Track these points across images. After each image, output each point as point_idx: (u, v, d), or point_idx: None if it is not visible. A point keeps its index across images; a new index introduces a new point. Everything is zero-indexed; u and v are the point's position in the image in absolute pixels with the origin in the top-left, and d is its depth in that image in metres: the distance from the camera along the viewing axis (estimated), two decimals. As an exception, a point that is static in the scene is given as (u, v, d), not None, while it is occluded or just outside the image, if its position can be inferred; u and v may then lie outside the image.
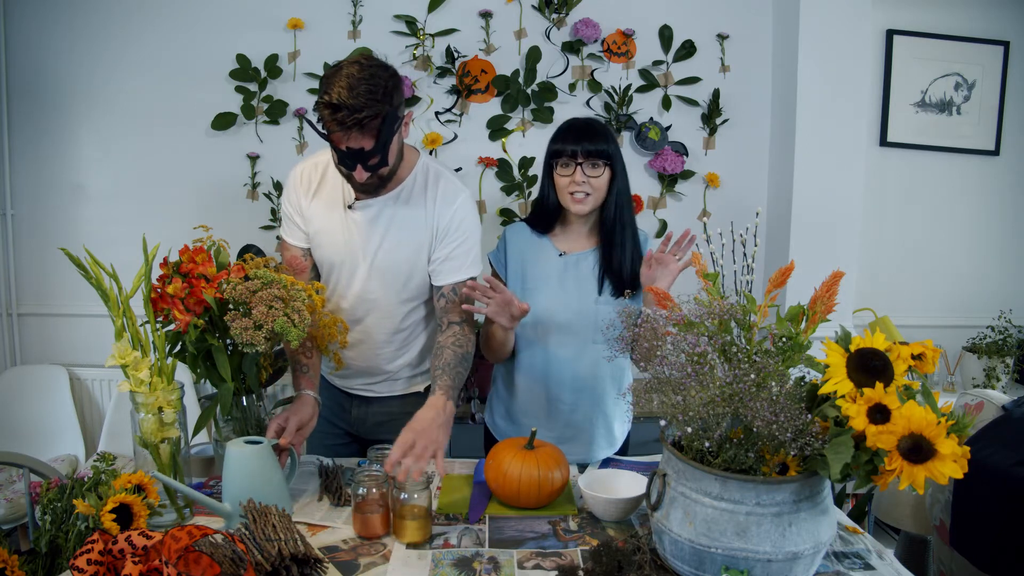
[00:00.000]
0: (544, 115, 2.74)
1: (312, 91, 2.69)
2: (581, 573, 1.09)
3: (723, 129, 2.84)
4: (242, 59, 2.65)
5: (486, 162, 2.77)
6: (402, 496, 1.20)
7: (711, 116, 2.81)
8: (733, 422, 1.03)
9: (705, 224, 2.87)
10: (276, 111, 2.69)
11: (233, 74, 2.66)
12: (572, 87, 2.77)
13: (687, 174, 2.82)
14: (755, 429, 0.95)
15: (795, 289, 1.47)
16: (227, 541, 0.99)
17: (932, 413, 0.87)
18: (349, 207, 1.52)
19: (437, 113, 2.77)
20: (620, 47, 2.76)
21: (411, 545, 1.20)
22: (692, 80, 2.80)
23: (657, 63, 2.80)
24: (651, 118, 2.80)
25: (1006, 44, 2.91)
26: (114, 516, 1.09)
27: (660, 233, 2.83)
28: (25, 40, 2.65)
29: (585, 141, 1.53)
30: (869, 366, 0.92)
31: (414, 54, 2.73)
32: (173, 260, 1.31)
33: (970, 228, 3.02)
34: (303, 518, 1.29)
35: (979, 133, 2.95)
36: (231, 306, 1.26)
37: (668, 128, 2.81)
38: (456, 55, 2.72)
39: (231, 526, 1.20)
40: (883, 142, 2.92)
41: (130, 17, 2.64)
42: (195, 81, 2.68)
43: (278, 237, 1.64)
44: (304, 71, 2.69)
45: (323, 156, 1.55)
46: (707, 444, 1.00)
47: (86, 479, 1.19)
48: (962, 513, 1.46)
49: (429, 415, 1.33)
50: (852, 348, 0.95)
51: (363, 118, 1.28)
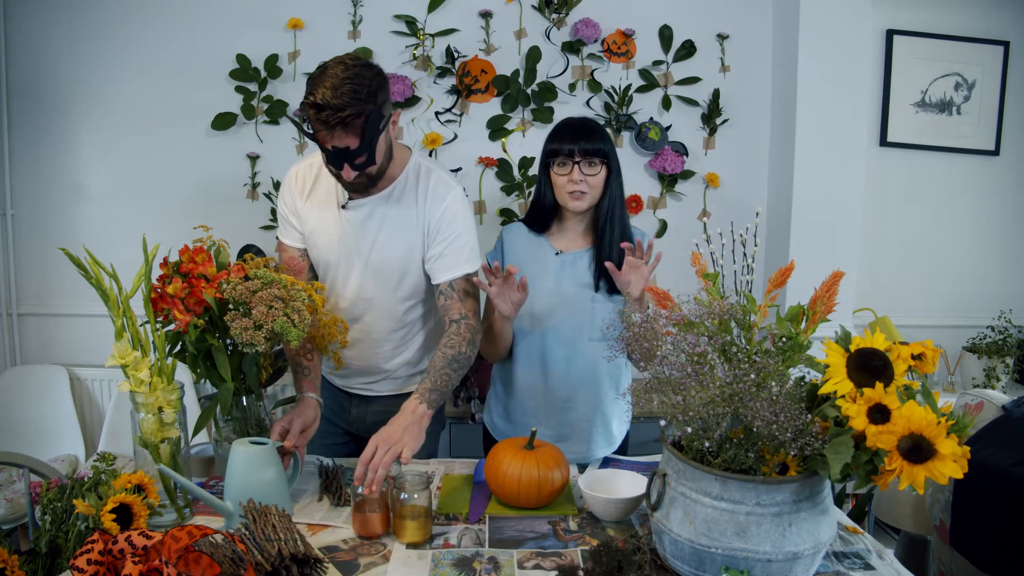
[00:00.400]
0: (544, 115, 2.74)
1: (312, 91, 2.69)
2: (581, 573, 1.09)
3: (723, 129, 2.84)
4: (242, 59, 2.65)
5: (486, 162, 2.77)
6: (402, 496, 1.20)
7: (711, 116, 2.81)
8: (733, 422, 1.03)
9: (705, 224, 2.87)
10: (276, 111, 2.69)
11: (233, 74, 2.66)
12: (572, 87, 2.77)
13: (687, 174, 2.82)
14: (755, 429, 0.95)
15: (795, 289, 1.47)
16: (227, 541, 0.99)
17: (932, 413, 0.87)
18: (343, 207, 1.52)
19: (437, 113, 2.76)
20: (620, 47, 2.76)
21: (411, 545, 1.20)
22: (692, 80, 2.80)
23: (657, 63, 2.80)
24: (651, 118, 2.80)
25: (1006, 44, 2.91)
26: (114, 516, 1.09)
27: (660, 233, 2.84)
28: (25, 40, 2.65)
29: (582, 140, 1.55)
30: (869, 366, 0.92)
31: (414, 54, 2.72)
32: (173, 260, 1.31)
33: (970, 228, 3.02)
34: (303, 518, 1.29)
35: (979, 133, 2.95)
36: (231, 306, 1.26)
37: (668, 128, 2.81)
38: (456, 55, 2.72)
39: (231, 526, 1.20)
40: (883, 142, 2.91)
41: (130, 17, 2.64)
42: (195, 81, 2.68)
43: (278, 238, 1.64)
44: (304, 71, 2.69)
45: (317, 157, 1.55)
46: (707, 444, 1.00)
47: (86, 479, 1.19)
48: (962, 513, 1.46)
49: (398, 420, 1.34)
50: (852, 348, 0.95)
51: (346, 116, 1.29)
